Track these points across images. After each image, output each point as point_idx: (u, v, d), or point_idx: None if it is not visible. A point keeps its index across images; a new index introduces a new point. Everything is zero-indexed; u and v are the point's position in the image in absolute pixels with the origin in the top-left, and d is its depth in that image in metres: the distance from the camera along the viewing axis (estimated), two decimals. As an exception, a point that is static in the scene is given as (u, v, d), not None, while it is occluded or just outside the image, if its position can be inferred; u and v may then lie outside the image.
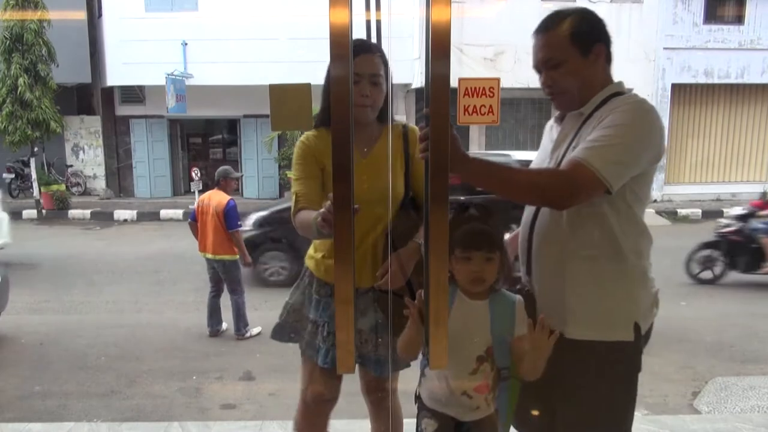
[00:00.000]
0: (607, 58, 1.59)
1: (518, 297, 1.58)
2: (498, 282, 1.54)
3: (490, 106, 1.29)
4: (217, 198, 4.82)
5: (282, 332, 2.05)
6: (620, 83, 1.60)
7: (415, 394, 1.68)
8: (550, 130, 1.74)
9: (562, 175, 1.45)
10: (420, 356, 1.60)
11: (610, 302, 1.55)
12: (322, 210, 1.48)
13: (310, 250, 2.00)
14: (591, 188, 1.42)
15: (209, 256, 4.85)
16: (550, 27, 1.56)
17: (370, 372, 1.96)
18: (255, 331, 4.88)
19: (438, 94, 1.14)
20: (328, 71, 1.74)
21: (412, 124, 1.96)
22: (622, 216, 1.52)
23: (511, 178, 1.50)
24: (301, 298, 1.99)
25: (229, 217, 4.77)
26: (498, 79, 1.31)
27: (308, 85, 1.45)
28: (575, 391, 1.56)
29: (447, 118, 1.15)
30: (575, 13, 1.58)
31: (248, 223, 6.62)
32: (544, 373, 1.49)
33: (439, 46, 1.10)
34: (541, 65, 1.58)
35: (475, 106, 1.30)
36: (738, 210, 6.92)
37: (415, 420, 1.70)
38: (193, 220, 4.95)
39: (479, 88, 1.29)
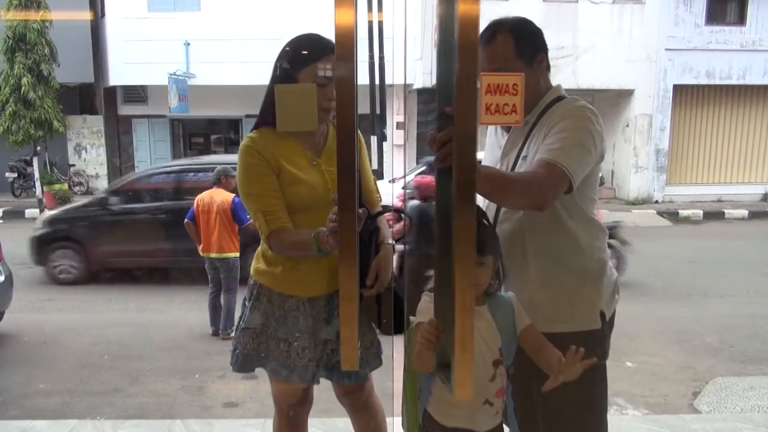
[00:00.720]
0: (547, 66, 1.66)
1: (511, 294, 1.60)
2: (492, 286, 1.53)
3: (514, 105, 1.19)
4: (220, 196, 4.84)
5: (249, 362, 1.87)
6: (559, 87, 1.67)
7: (422, 414, 1.59)
8: (495, 132, 1.81)
9: (542, 177, 1.49)
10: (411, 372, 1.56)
11: (576, 294, 1.64)
12: (328, 225, 1.43)
13: (261, 266, 1.85)
14: (563, 185, 1.49)
15: (214, 255, 4.86)
16: (493, 38, 1.60)
17: (342, 380, 1.91)
18: None
19: (465, 94, 1.04)
20: (275, 70, 1.73)
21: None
22: (575, 215, 1.62)
23: (506, 183, 1.53)
24: (263, 318, 1.83)
25: (238, 212, 4.80)
26: (522, 76, 1.21)
27: (313, 86, 1.47)
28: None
29: (475, 121, 1.07)
30: (517, 23, 1.63)
31: (39, 222, 6.81)
32: (520, 369, 1.56)
33: (467, 41, 1.02)
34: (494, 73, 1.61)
35: (497, 105, 1.20)
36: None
37: (394, 418, 1.66)
38: (191, 220, 4.93)
39: (502, 85, 1.18)
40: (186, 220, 4.98)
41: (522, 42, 1.59)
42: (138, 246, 6.67)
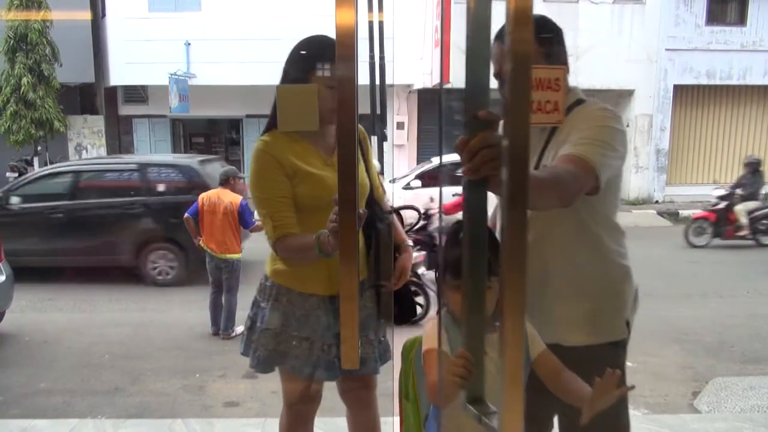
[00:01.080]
0: (567, 68, 1.59)
1: None
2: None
3: (556, 103, 1.03)
4: (228, 197, 4.86)
5: (270, 362, 1.90)
6: (576, 89, 1.60)
7: None
8: None
9: (568, 171, 1.38)
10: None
11: (602, 305, 1.58)
12: (328, 226, 1.45)
13: (279, 266, 1.86)
14: (589, 180, 1.39)
15: (218, 255, 4.87)
16: None
17: (358, 371, 1.91)
18: (239, 329, 4.92)
19: (518, 95, 0.87)
20: (286, 71, 1.74)
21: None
22: (599, 221, 1.56)
23: (539, 181, 1.39)
24: (282, 318, 1.85)
25: (245, 215, 4.85)
26: (563, 69, 1.05)
27: (315, 87, 1.47)
28: None
29: (528, 124, 0.90)
30: (540, 20, 1.52)
31: None
32: (531, 394, 1.42)
33: (521, 38, 0.87)
34: (506, 75, 1.49)
35: (539, 102, 1.03)
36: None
37: (394, 418, 1.63)
38: (193, 215, 4.93)
39: (544, 80, 1.03)
40: (187, 215, 4.99)
41: (544, 40, 1.49)
42: (35, 245, 6.74)
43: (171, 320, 5.45)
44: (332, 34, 1.09)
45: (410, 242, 1.95)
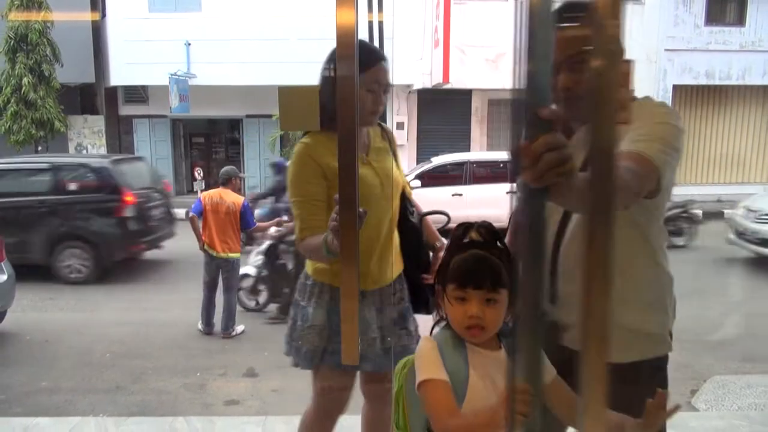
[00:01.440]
0: None
1: None
2: (508, 326, 1.24)
3: (624, 102, 0.91)
4: (230, 198, 4.87)
5: (315, 358, 1.92)
6: None
7: None
8: None
9: (630, 171, 1.23)
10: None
11: (649, 316, 1.49)
12: (330, 225, 1.48)
13: (320, 265, 1.90)
14: (650, 181, 1.26)
15: (220, 255, 4.87)
16: (580, 18, 1.33)
17: (375, 368, 1.96)
18: (239, 329, 4.93)
19: (604, 94, 0.75)
20: (325, 74, 1.75)
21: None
22: (653, 225, 1.46)
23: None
24: (325, 315, 1.90)
25: (247, 216, 4.90)
26: (630, 62, 0.96)
27: (316, 87, 1.49)
28: None
29: (614, 127, 0.76)
30: None
31: None
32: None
33: (611, 34, 0.74)
34: (567, 63, 1.30)
35: None
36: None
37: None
38: (197, 214, 4.93)
39: None
40: (192, 212, 4.98)
41: None
42: None
43: (171, 319, 5.46)
44: (333, 35, 1.11)
45: (445, 241, 2.01)
